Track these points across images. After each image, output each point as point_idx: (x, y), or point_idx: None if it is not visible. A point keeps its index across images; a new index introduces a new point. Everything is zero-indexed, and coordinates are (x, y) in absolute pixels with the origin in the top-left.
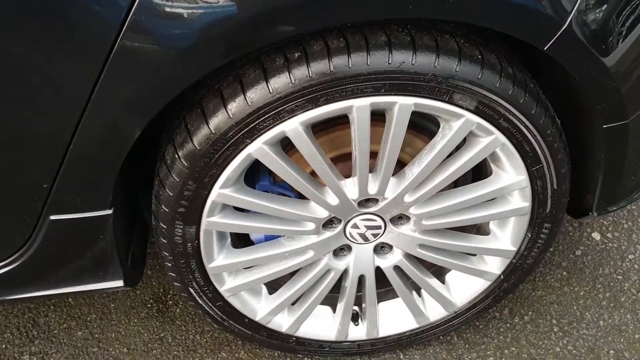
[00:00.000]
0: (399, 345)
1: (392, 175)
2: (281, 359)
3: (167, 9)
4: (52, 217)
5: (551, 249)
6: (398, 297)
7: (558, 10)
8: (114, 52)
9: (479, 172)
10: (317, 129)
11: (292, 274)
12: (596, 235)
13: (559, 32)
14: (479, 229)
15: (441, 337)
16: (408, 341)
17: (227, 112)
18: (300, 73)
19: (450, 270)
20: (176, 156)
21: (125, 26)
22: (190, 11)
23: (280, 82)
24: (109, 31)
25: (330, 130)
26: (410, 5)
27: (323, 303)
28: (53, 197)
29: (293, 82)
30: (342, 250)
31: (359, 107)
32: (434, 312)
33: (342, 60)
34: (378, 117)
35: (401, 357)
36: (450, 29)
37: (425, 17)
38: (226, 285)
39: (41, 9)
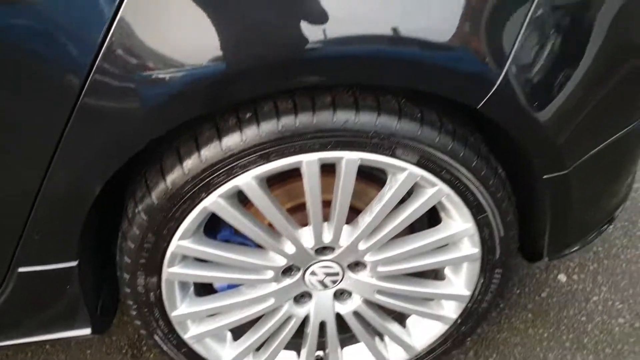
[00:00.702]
0: None
1: (347, 224)
2: None
3: (125, 74)
4: (20, 270)
5: (517, 291)
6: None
7: (488, 72)
8: (74, 112)
9: (437, 217)
10: (276, 180)
11: (256, 320)
12: (562, 277)
13: (491, 92)
14: (437, 274)
15: None
16: None
17: (183, 169)
18: (251, 132)
19: (410, 314)
20: (136, 210)
21: (85, 87)
22: (146, 77)
23: (232, 141)
24: (71, 91)
25: (288, 181)
26: (345, 73)
27: (288, 348)
28: (21, 249)
29: (244, 140)
30: (302, 297)
31: (308, 162)
32: (396, 356)
33: (290, 120)
34: (331, 167)
35: None
36: (395, 89)
37: (358, 83)
38: (190, 333)
39: None
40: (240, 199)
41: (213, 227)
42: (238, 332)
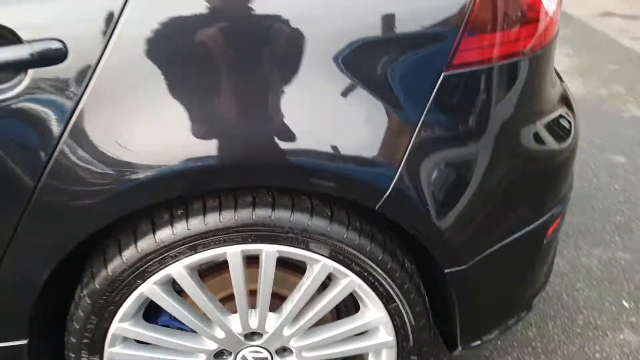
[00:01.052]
0: None
1: (272, 311)
2: None
3: (75, 176)
4: None
5: None
6: None
7: (381, 179)
8: (28, 208)
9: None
10: (212, 270)
11: None
12: None
13: (385, 196)
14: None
15: None
16: None
17: (122, 258)
18: (181, 227)
19: None
20: (82, 294)
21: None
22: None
23: (164, 234)
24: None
25: (222, 271)
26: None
27: None
28: None
29: (175, 233)
30: None
31: (231, 254)
32: None
33: (214, 217)
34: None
35: None
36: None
37: (263, 185)
38: None
39: None
40: (178, 286)
41: (156, 311)
42: None
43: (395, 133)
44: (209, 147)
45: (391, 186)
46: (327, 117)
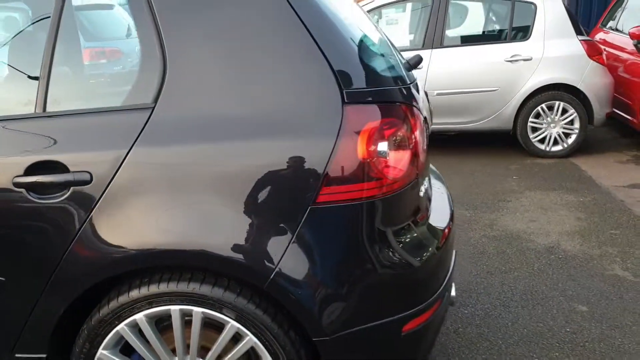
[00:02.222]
0: None
1: (201, 357)
2: None
3: (87, 251)
4: (17, 355)
5: None
6: None
7: (266, 270)
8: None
9: None
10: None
11: None
12: None
13: (268, 281)
14: None
15: None
16: None
17: (109, 306)
18: (144, 289)
19: None
20: (84, 327)
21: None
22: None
23: (134, 293)
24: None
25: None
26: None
27: None
28: (18, 342)
29: (140, 293)
30: None
31: (173, 310)
32: None
33: (164, 285)
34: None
35: None
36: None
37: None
38: None
39: None
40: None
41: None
42: None
43: (278, 242)
44: (159, 241)
45: (272, 275)
46: (234, 228)
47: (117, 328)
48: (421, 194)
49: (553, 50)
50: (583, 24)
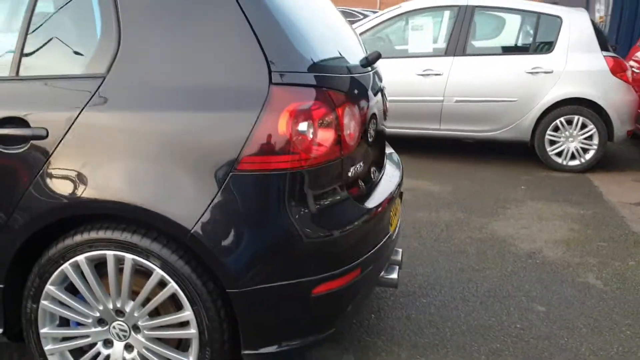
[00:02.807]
0: None
1: (132, 300)
2: None
3: (39, 195)
4: None
5: None
6: None
7: (188, 224)
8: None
9: None
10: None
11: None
12: None
13: (189, 234)
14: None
15: None
16: None
17: (56, 248)
18: (87, 235)
19: None
20: (35, 265)
21: (23, 196)
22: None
23: (78, 237)
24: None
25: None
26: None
27: None
28: None
29: (82, 237)
30: (108, 343)
31: (108, 255)
32: None
33: (103, 232)
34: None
35: None
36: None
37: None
38: (49, 346)
39: None
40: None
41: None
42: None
43: (200, 201)
44: (95, 193)
45: (191, 230)
46: (162, 186)
47: (62, 267)
48: (350, 173)
49: (575, 65)
50: (624, 43)
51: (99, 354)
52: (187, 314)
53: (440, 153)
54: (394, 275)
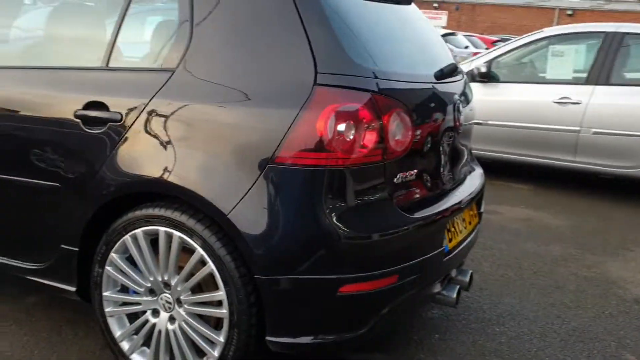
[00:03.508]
0: None
1: (178, 274)
2: None
3: (114, 172)
4: (62, 246)
5: None
6: None
7: (223, 207)
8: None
9: None
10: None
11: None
12: None
13: (225, 218)
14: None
15: None
16: None
17: (119, 221)
18: (144, 211)
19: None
20: (103, 234)
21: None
22: None
23: (136, 213)
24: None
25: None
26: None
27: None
28: (71, 237)
29: (140, 213)
30: (156, 312)
31: (161, 230)
32: None
33: (159, 209)
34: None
35: None
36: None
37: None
38: (109, 308)
39: None
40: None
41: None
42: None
43: (238, 189)
44: (154, 173)
45: (228, 214)
46: (207, 172)
47: (124, 238)
48: (396, 179)
49: None
50: None
51: (147, 321)
52: (221, 294)
53: (569, 186)
54: (452, 294)
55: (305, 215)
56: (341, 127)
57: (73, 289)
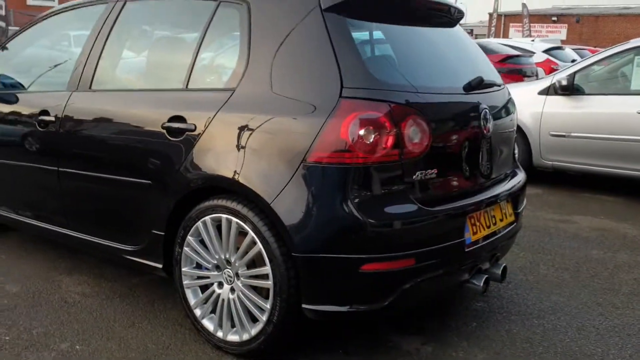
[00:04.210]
0: None
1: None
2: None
3: (190, 169)
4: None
5: None
6: None
7: (267, 197)
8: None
9: None
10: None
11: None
12: None
13: (269, 206)
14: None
15: None
16: None
17: (196, 209)
18: (210, 202)
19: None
20: (182, 222)
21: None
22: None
23: (206, 203)
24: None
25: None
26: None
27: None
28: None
29: (207, 204)
30: (221, 284)
31: (224, 218)
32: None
33: (223, 200)
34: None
35: None
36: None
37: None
38: (186, 280)
39: None
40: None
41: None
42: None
43: (278, 182)
44: (219, 170)
45: (271, 203)
46: (256, 169)
47: (197, 224)
48: (415, 176)
49: None
50: None
51: (214, 292)
52: (267, 268)
53: None
54: (480, 283)
55: (332, 205)
56: (362, 132)
57: (160, 265)
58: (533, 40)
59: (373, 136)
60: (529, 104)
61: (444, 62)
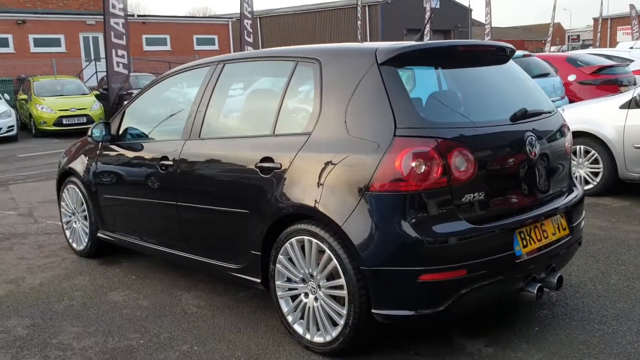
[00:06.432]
0: None
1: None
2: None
3: (279, 198)
4: (253, 251)
5: None
6: None
7: (338, 221)
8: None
9: None
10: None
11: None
12: None
13: (340, 228)
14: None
15: None
16: None
17: (285, 231)
18: (295, 226)
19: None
20: (273, 244)
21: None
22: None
23: (289, 229)
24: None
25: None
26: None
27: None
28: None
29: (292, 229)
30: (307, 294)
31: (306, 239)
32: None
33: (303, 225)
34: None
35: None
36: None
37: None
38: (278, 291)
39: None
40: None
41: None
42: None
43: (347, 209)
44: (302, 200)
45: (342, 225)
46: (329, 199)
47: (285, 244)
48: (464, 199)
49: None
50: None
51: (302, 301)
52: (341, 280)
53: None
54: (533, 290)
55: (391, 226)
56: (414, 164)
57: (259, 280)
58: (632, 47)
59: (424, 167)
60: (611, 118)
61: (494, 96)
